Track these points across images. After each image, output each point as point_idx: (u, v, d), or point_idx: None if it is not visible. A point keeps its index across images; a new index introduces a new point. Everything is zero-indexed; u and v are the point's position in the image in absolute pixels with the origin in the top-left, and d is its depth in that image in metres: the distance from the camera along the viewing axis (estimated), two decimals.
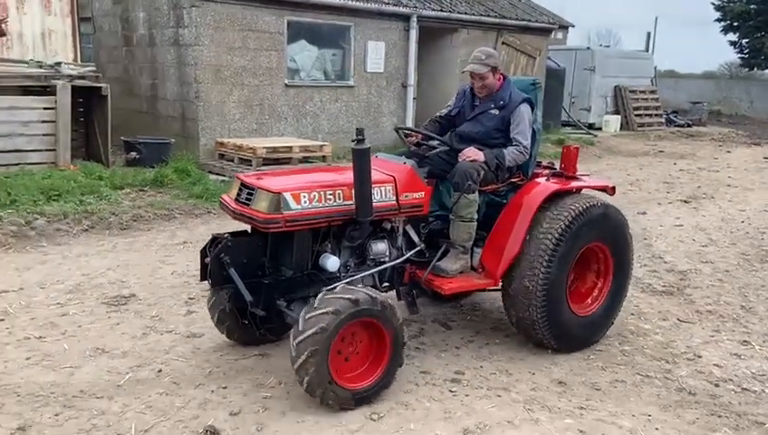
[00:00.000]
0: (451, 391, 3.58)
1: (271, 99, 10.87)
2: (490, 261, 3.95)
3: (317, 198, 3.46)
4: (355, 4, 11.37)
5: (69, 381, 3.58)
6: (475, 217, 3.90)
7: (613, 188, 4.42)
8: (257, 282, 3.49)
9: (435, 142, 4.19)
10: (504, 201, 4.09)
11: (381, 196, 3.67)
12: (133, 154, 9.27)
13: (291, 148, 9.58)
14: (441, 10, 12.92)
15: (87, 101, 8.36)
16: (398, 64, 12.45)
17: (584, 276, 4.34)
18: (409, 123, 12.65)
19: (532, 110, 4.13)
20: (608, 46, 27.70)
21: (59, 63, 8.31)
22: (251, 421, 3.22)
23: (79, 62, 9.24)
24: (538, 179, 4.16)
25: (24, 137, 7.41)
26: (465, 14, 13.37)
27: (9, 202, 6.51)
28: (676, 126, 20.38)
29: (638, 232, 7.52)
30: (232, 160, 9.71)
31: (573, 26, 21.44)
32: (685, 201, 9.70)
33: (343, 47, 11.85)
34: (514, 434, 3.20)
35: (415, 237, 4.00)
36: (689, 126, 20.69)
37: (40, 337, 4.13)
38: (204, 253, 3.58)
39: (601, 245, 4.17)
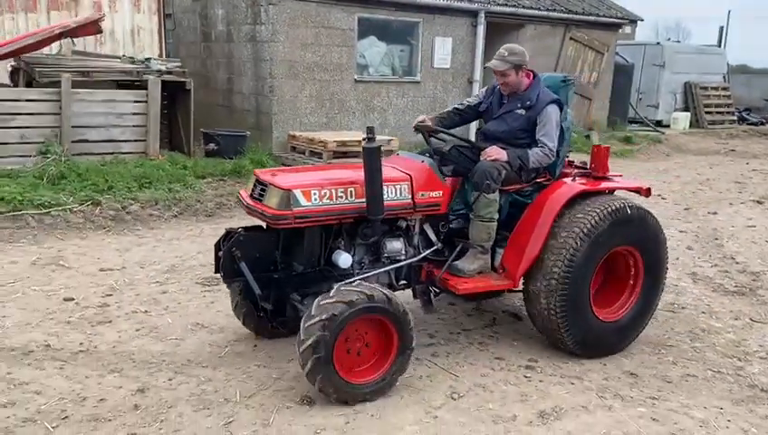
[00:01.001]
0: (526, 377, 3.79)
1: (340, 94, 11.21)
2: (510, 262, 3.90)
3: (328, 195, 3.49)
4: (425, 1, 11.56)
5: (176, 350, 3.97)
6: (495, 216, 3.86)
7: (648, 190, 4.26)
8: (268, 276, 3.58)
9: (447, 137, 4.10)
10: (529, 201, 4.03)
11: (396, 194, 3.67)
12: (211, 145, 9.78)
13: (359, 142, 9.86)
14: (506, 5, 12.94)
15: (171, 94, 8.90)
16: (465, 60, 12.57)
17: (612, 281, 4.23)
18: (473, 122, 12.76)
19: (561, 110, 4.03)
20: (678, 41, 26.83)
21: (149, 59, 8.87)
22: None
23: (164, 57, 9.81)
24: (564, 180, 4.06)
25: (119, 128, 7.98)
26: (531, 8, 13.35)
27: (107, 188, 7.07)
28: (748, 124, 19.64)
29: (708, 232, 7.47)
30: (303, 153, 10.10)
31: (642, 20, 20.92)
32: (758, 202, 9.48)
33: (411, 43, 12.07)
34: (589, 419, 3.39)
35: (432, 236, 3.97)
36: (763, 124, 19.90)
37: (145, 311, 4.56)
38: (218, 246, 3.67)
39: (631, 249, 4.04)
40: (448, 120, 4.27)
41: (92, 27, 8.31)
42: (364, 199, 3.52)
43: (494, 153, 3.89)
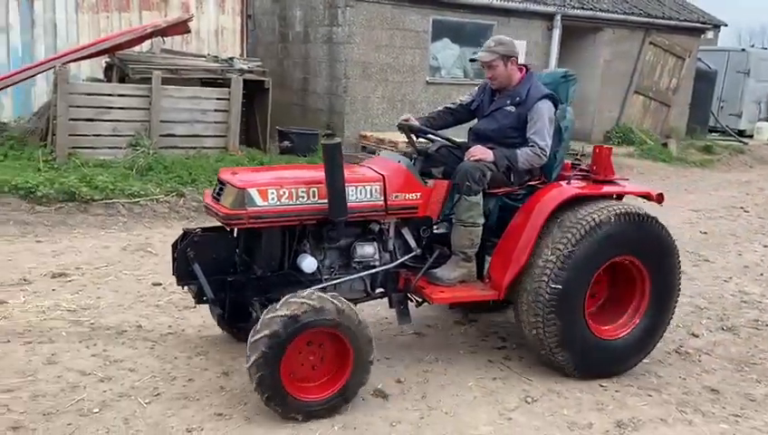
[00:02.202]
0: (601, 386, 3.74)
1: (412, 95, 11.31)
2: (496, 271, 3.64)
3: (287, 195, 3.31)
4: (500, 3, 11.51)
5: None
6: (479, 221, 3.60)
7: (660, 196, 3.90)
8: (224, 279, 3.42)
9: (432, 137, 3.94)
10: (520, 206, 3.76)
11: (366, 195, 3.47)
12: (286, 143, 10.07)
13: (428, 143, 9.92)
14: (583, 8, 12.69)
15: (250, 93, 9.21)
16: (539, 63, 12.39)
17: (617, 295, 3.92)
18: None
19: (556, 106, 3.76)
20: (765, 48, 25.48)
21: (231, 58, 9.23)
22: (415, 390, 3.58)
23: (245, 57, 10.17)
24: (559, 183, 3.79)
25: (202, 124, 8.35)
26: (609, 11, 13.04)
27: (190, 181, 7.43)
28: None
29: None
30: (373, 153, 10.25)
31: (726, 25, 20.02)
32: None
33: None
34: (668, 432, 3.33)
35: (411, 241, 3.72)
36: None
37: None
38: (175, 247, 3.48)
39: (634, 260, 3.71)
40: (439, 120, 4.04)
41: (182, 27, 8.72)
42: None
43: (478, 153, 3.63)
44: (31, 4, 9.17)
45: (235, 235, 3.59)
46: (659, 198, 3.91)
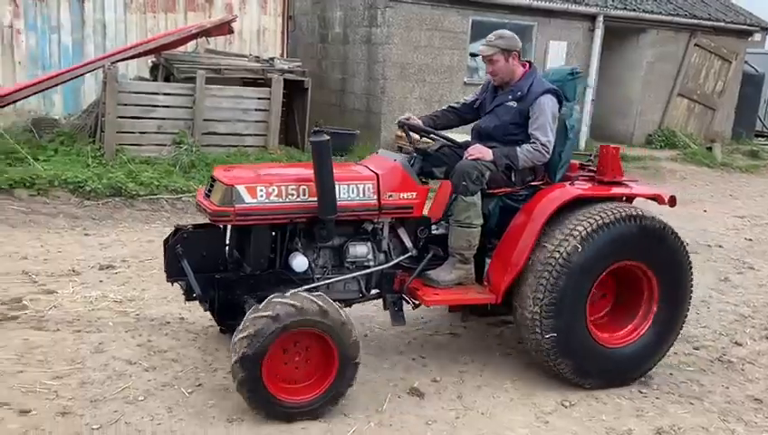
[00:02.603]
0: (641, 392, 3.69)
1: (449, 96, 11.26)
2: (494, 274, 3.55)
3: (276, 192, 3.28)
4: (541, 4, 11.40)
5: None
6: (476, 222, 3.51)
7: (672, 199, 3.72)
8: (213, 276, 3.40)
9: (434, 136, 3.86)
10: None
11: (359, 194, 3.41)
12: None
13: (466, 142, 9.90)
14: (626, 8, 12.47)
15: (289, 92, 9.34)
16: (579, 65, 12.12)
17: (625, 302, 3.78)
18: (585, 127, 12.44)
19: (561, 102, 3.65)
20: None
21: (272, 58, 9.38)
22: (451, 390, 3.59)
23: (285, 57, 10.32)
24: (562, 183, 3.68)
25: (243, 123, 8.51)
26: (653, 12, 12.77)
27: None
28: None
29: None
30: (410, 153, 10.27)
31: None
32: None
33: (524, 47, 11.91)
34: None
35: (408, 242, 3.67)
36: None
37: None
38: (166, 243, 3.48)
39: (641, 266, 3.58)
40: (443, 119, 3.97)
41: (225, 28, 8.90)
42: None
43: (476, 152, 3.54)
44: (81, 5, 9.48)
45: (227, 232, 3.56)
46: (672, 202, 3.73)
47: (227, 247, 3.58)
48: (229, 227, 3.53)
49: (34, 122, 8.42)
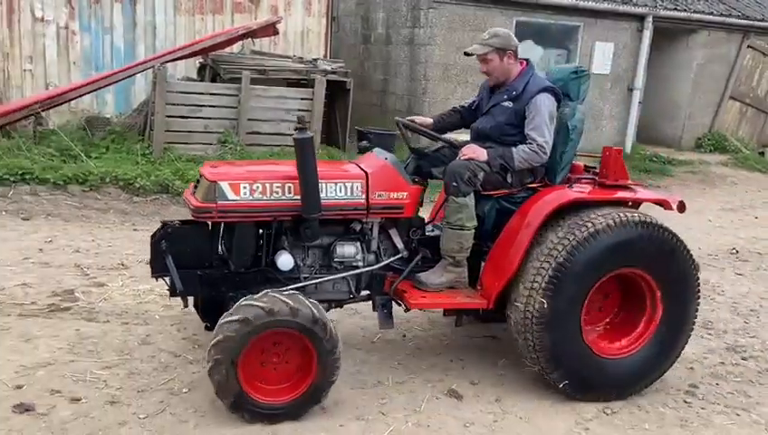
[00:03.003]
0: (686, 402, 3.61)
1: None
2: (487, 278, 3.46)
3: (260, 189, 3.23)
4: (589, 5, 11.20)
5: None
6: (469, 224, 3.41)
7: (681, 204, 3.54)
8: (199, 273, 3.34)
9: (434, 136, 3.76)
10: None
11: (347, 193, 3.35)
12: (364, 143, 10.11)
13: None
14: (676, 9, 12.14)
15: (332, 93, 9.44)
16: (626, 66, 11.99)
17: (626, 311, 3.64)
18: (631, 130, 12.17)
19: (559, 101, 3.53)
20: None
21: (316, 59, 9.50)
22: (490, 392, 3.58)
23: (328, 58, 10.42)
24: (560, 186, 3.56)
25: (286, 123, 8.63)
26: (704, 13, 12.40)
27: None
28: None
29: None
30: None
31: None
32: None
33: (569, 48, 11.76)
34: None
35: (399, 243, 3.59)
36: None
37: None
38: (152, 238, 3.43)
39: (642, 274, 3.41)
40: (450, 119, 3.92)
41: (271, 29, 9.05)
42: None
43: (470, 152, 3.47)
44: (133, 7, 9.78)
45: (219, 229, 3.50)
46: (680, 207, 3.54)
47: (217, 244, 3.50)
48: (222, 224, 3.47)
49: (88, 121, 8.72)
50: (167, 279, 3.35)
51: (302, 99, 8.73)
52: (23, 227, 6.06)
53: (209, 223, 3.40)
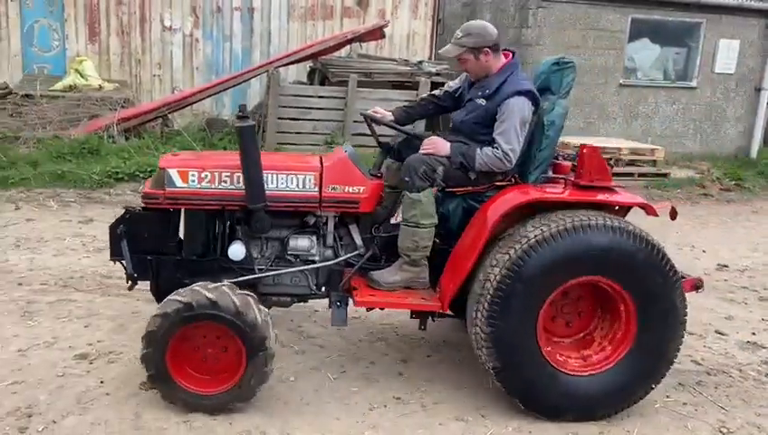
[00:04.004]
0: None
1: (602, 98, 10.78)
2: (445, 279, 3.27)
3: (209, 178, 3.23)
4: (712, 0, 10.50)
5: (432, 331, 4.20)
6: (424, 222, 3.22)
7: (673, 212, 3.28)
8: (154, 259, 3.34)
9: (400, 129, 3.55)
10: None
11: (297, 185, 3.29)
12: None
13: (620, 149, 9.41)
14: None
15: None
16: (753, 65, 11.12)
17: (603, 324, 3.32)
18: (759, 133, 11.27)
19: (537, 105, 3.25)
20: None
21: (421, 62, 9.59)
22: None
23: (433, 60, 10.48)
24: (522, 185, 3.31)
25: None
26: None
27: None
28: None
29: None
30: (556, 158, 9.95)
31: None
32: None
33: (689, 45, 11.07)
34: None
35: (357, 239, 3.46)
36: None
37: None
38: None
39: (613, 284, 3.09)
40: (418, 109, 3.66)
41: (378, 33, 9.25)
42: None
43: (430, 146, 3.28)
44: (251, 15, 10.35)
45: (168, 215, 3.47)
46: (672, 214, 3.31)
47: (175, 232, 3.49)
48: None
49: (208, 122, 9.34)
50: (123, 262, 3.37)
51: (406, 100, 8.83)
52: None
53: (171, 211, 3.40)
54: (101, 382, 3.36)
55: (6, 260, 5.10)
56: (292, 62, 9.27)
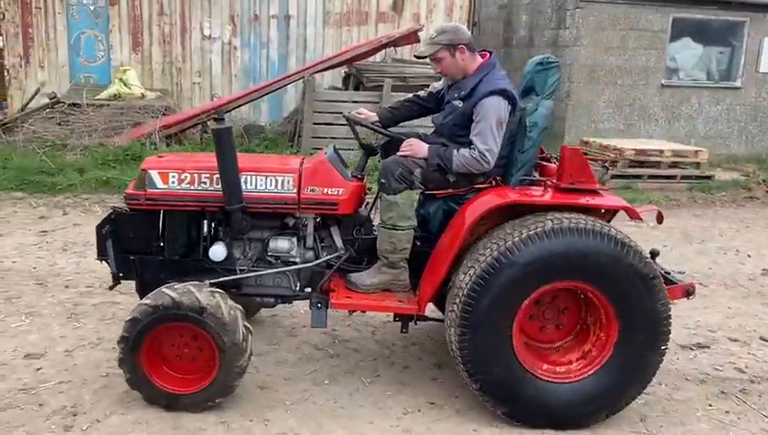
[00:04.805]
0: None
1: (643, 99, 10.57)
2: (423, 283, 3.24)
3: (188, 180, 3.28)
4: None
5: None
6: (401, 224, 3.20)
7: (660, 216, 3.27)
8: (138, 259, 3.38)
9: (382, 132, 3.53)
10: None
11: (276, 186, 3.30)
12: None
13: (661, 151, 9.19)
14: None
15: None
16: None
17: (582, 330, 3.24)
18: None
19: (514, 104, 3.19)
20: None
21: None
22: (633, 412, 3.36)
23: None
24: (500, 188, 3.25)
25: (422, 128, 8.75)
26: None
27: None
28: None
29: None
30: (595, 160, 9.79)
31: None
32: None
33: (733, 45, 10.77)
34: None
35: (338, 240, 3.46)
36: None
37: None
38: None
39: (591, 288, 3.02)
40: (402, 111, 3.65)
41: (412, 37, 9.27)
42: None
43: (408, 148, 3.27)
44: (287, 22, 10.51)
45: (152, 216, 3.51)
46: (659, 218, 3.26)
47: (159, 233, 3.53)
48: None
49: (245, 128, 9.51)
50: (109, 262, 3.44)
51: None
52: None
53: (154, 211, 3.45)
54: None
55: (54, 263, 5.29)
56: (327, 68, 9.37)
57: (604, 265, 2.96)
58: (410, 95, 3.79)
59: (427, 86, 3.80)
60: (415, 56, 3.56)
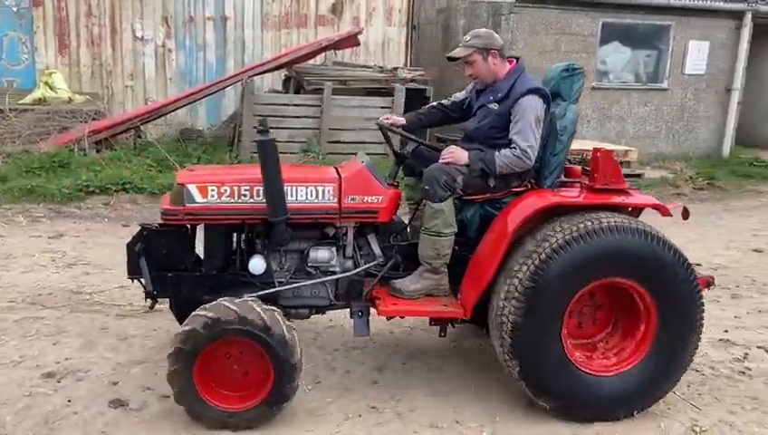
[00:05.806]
0: None
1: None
2: (465, 286, 3.31)
3: (228, 192, 3.22)
4: (680, 3, 10.70)
5: (409, 338, 4.26)
6: (445, 231, 3.27)
7: (685, 212, 3.36)
8: (174, 276, 3.33)
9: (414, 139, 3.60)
10: None
11: (317, 196, 3.29)
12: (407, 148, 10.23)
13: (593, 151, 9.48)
14: None
15: (412, 100, 9.50)
16: (723, 66, 11.32)
17: (622, 324, 3.38)
18: (730, 132, 11.47)
19: (548, 103, 3.32)
20: None
21: (396, 68, 9.61)
22: None
23: (409, 66, 10.51)
24: (544, 189, 3.37)
25: (366, 131, 8.77)
26: None
27: None
28: None
29: None
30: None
31: None
32: None
33: (659, 48, 11.25)
34: None
35: (376, 248, 3.49)
36: None
37: None
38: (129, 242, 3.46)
39: (634, 285, 3.16)
40: (429, 117, 3.74)
41: (352, 40, 9.26)
42: None
43: (449, 155, 3.33)
44: (224, 24, 10.30)
45: (187, 231, 3.48)
46: (684, 214, 3.40)
47: (194, 248, 3.52)
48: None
49: (182, 133, 9.25)
50: (142, 280, 3.37)
51: (381, 107, 8.86)
52: (123, 233, 6.49)
53: (188, 226, 3.42)
54: (69, 401, 3.29)
55: None
56: (266, 71, 9.24)
57: (648, 262, 3.11)
58: (435, 102, 3.85)
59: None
60: (447, 58, 3.59)
